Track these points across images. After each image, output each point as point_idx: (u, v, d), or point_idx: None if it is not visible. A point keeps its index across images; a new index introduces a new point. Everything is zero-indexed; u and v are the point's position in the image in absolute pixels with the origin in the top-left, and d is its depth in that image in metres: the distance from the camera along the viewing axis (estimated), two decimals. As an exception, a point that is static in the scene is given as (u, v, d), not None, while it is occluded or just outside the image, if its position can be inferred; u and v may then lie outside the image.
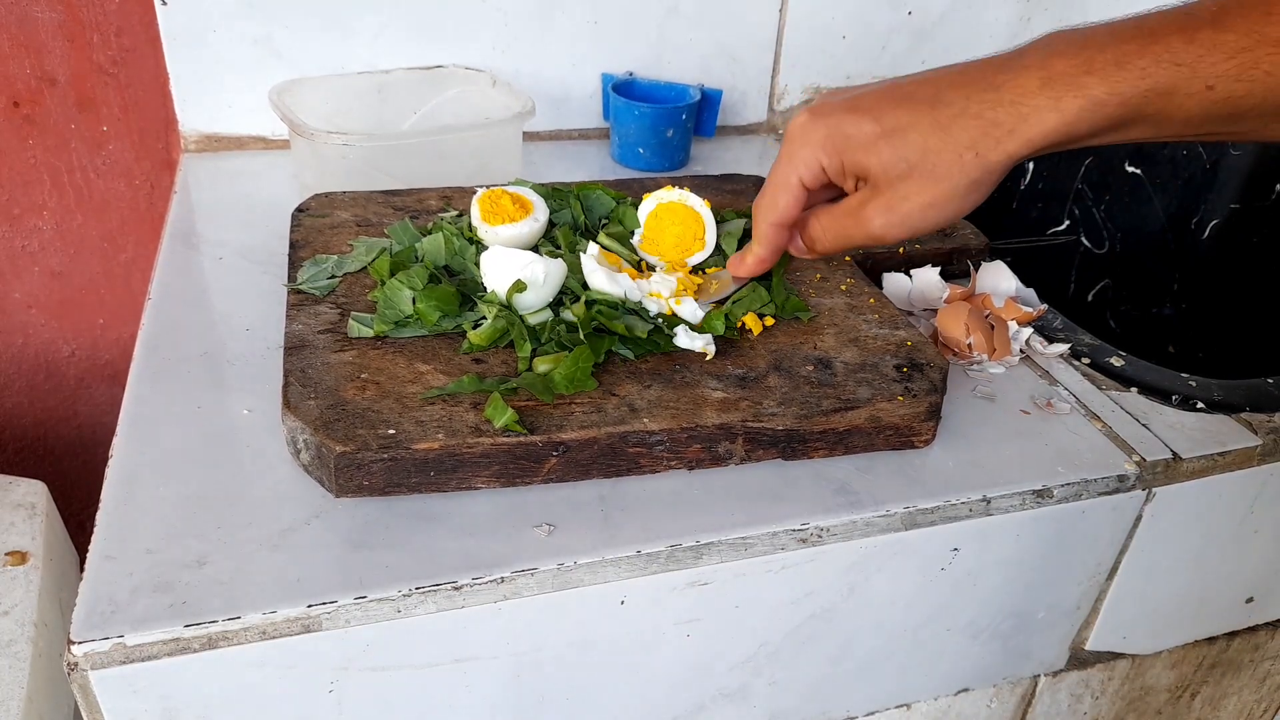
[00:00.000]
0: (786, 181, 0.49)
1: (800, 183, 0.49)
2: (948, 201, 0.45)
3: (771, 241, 0.53)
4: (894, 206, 0.46)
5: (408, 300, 0.55)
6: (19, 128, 0.84)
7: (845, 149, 0.47)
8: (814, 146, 0.48)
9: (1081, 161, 1.16)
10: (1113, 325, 1.29)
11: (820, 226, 0.51)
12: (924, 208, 0.46)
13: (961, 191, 0.45)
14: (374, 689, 0.45)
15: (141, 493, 0.47)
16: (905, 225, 0.47)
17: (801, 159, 0.48)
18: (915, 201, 0.46)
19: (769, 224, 0.52)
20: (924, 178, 0.45)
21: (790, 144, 0.49)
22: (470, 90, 0.86)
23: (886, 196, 0.46)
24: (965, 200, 0.45)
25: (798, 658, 0.54)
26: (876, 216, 0.47)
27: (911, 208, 0.46)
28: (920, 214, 0.46)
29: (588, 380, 0.51)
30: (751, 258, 0.54)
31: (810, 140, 0.48)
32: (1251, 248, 1.24)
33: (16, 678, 0.64)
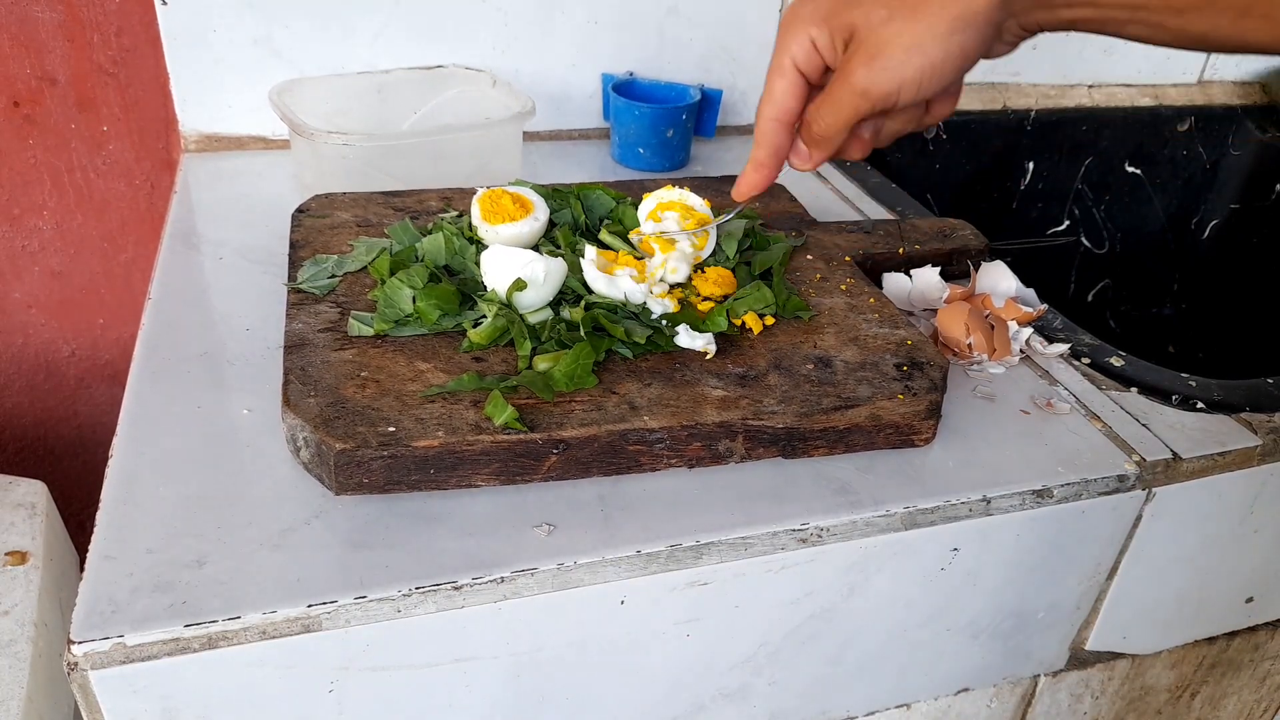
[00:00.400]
0: (780, 65, 0.48)
1: (794, 65, 0.48)
2: (930, 41, 0.44)
3: (771, 140, 0.51)
4: (874, 54, 0.45)
5: (408, 299, 0.55)
6: (19, 127, 0.84)
7: (830, 13, 0.46)
8: (802, 23, 0.47)
9: (1082, 162, 1.16)
10: (1113, 325, 1.29)
11: (814, 105, 0.49)
12: (906, 50, 0.45)
13: (942, 30, 0.44)
14: (374, 689, 0.45)
15: (141, 493, 0.47)
16: (887, 71, 0.45)
17: (793, 39, 0.48)
18: (896, 44, 0.45)
19: (768, 119, 0.50)
20: (903, 19, 0.44)
21: (783, 30, 0.48)
22: (470, 90, 0.86)
23: (867, 45, 0.45)
24: (949, 41, 0.44)
25: (798, 657, 0.54)
26: (859, 67, 0.46)
27: (893, 51, 0.45)
28: (903, 57, 0.45)
29: (588, 378, 0.51)
30: (750, 164, 0.52)
31: (799, 18, 0.47)
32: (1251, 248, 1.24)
33: (16, 678, 0.64)
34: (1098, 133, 1.15)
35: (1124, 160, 1.18)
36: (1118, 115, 1.15)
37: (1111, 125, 1.15)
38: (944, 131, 1.07)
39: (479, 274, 0.58)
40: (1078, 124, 1.13)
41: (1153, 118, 1.16)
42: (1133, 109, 1.15)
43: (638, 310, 0.56)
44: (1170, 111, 1.17)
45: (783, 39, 0.48)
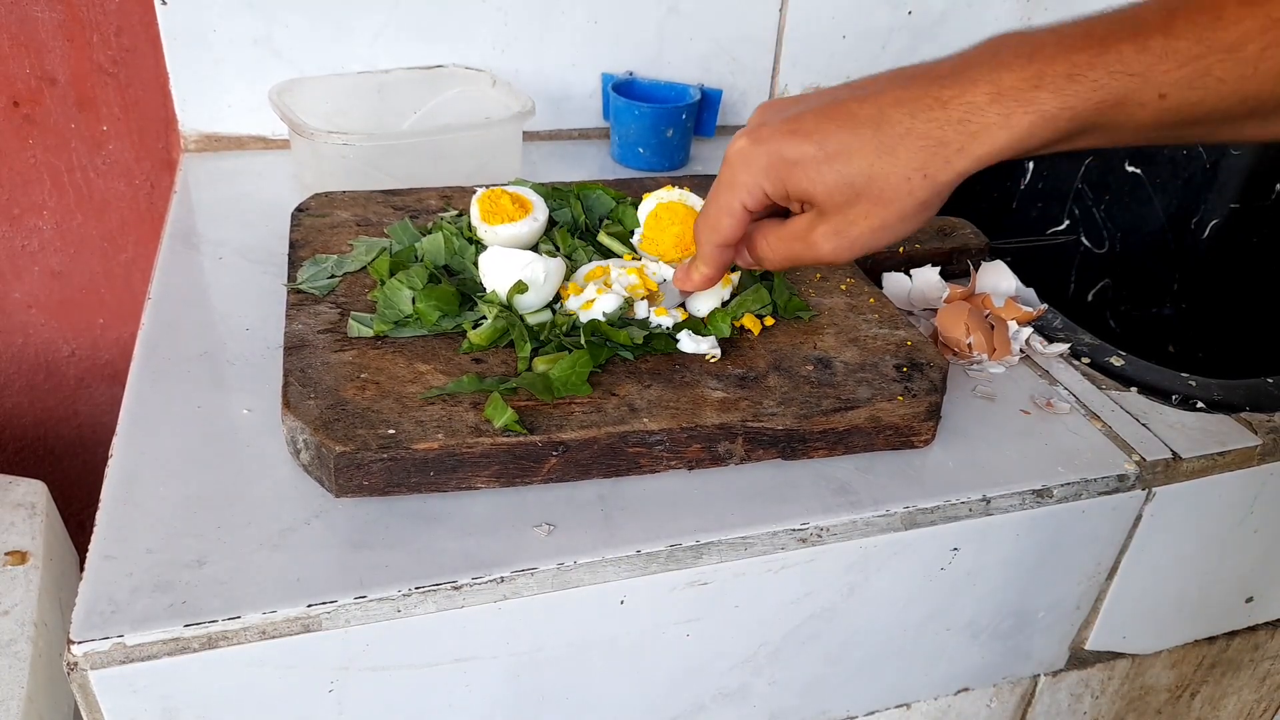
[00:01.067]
0: (730, 206, 0.48)
1: (743, 207, 0.47)
2: (898, 223, 0.44)
3: (717, 261, 0.51)
4: (842, 231, 0.45)
5: (407, 300, 0.55)
6: (19, 127, 0.84)
7: (788, 175, 0.45)
8: (755, 172, 0.46)
9: (1081, 161, 1.16)
10: (1113, 325, 1.28)
11: (768, 246, 0.49)
12: (873, 231, 0.45)
13: (911, 213, 0.44)
14: (374, 689, 0.45)
15: (141, 492, 0.47)
16: (855, 248, 0.46)
17: (743, 184, 0.47)
18: (863, 225, 0.45)
19: (713, 246, 0.50)
20: (871, 202, 0.44)
21: (731, 169, 0.47)
22: (470, 90, 0.86)
23: (834, 221, 0.45)
24: (915, 220, 0.45)
25: (797, 657, 0.54)
26: (825, 242, 0.46)
27: (860, 232, 0.45)
28: (870, 237, 0.45)
29: (582, 386, 0.50)
30: (698, 275, 0.52)
31: (752, 166, 0.46)
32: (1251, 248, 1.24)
33: (16, 677, 0.64)
34: (1098, 132, 1.14)
35: (1124, 160, 1.18)
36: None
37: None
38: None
39: (478, 275, 0.58)
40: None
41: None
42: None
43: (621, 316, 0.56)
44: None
45: (731, 178, 0.47)
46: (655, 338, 0.54)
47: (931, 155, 0.42)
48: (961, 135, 0.41)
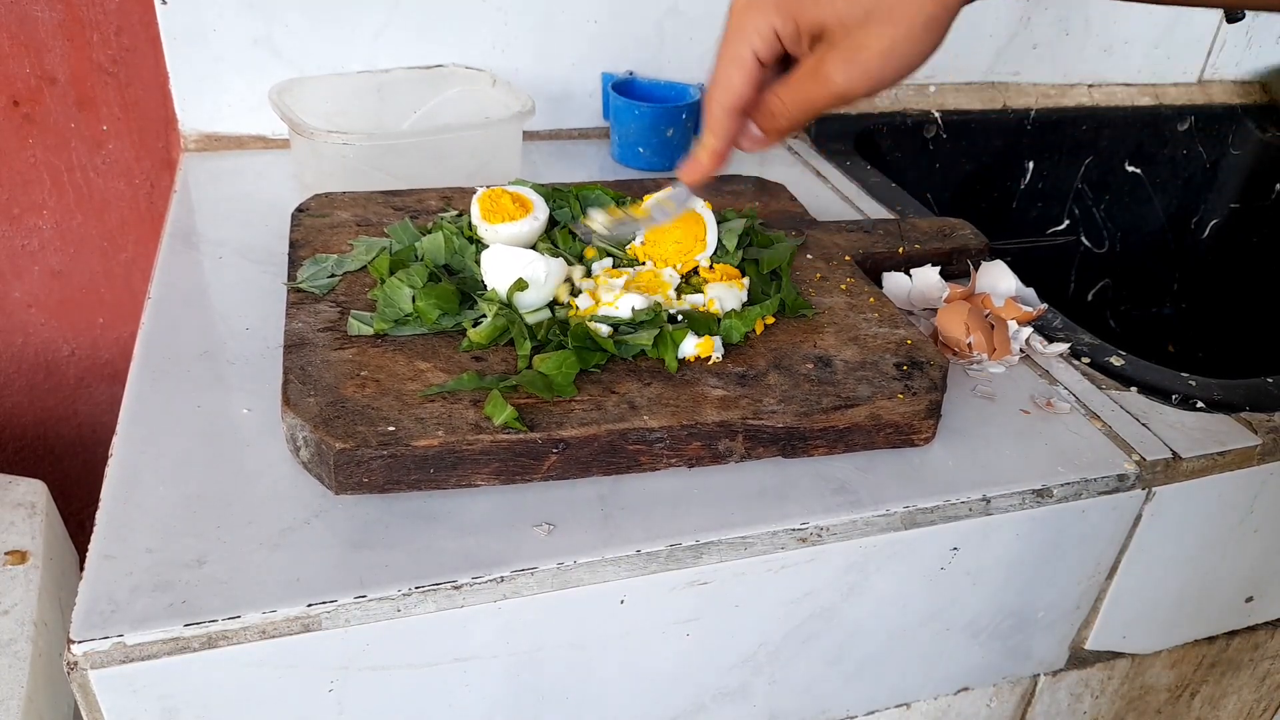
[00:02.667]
0: (738, 56, 0.46)
1: (754, 55, 0.46)
2: (907, 44, 0.44)
3: (725, 129, 0.49)
4: (853, 57, 0.44)
5: (407, 299, 0.55)
6: (19, 127, 0.84)
7: (799, 6, 0.44)
8: (766, 11, 0.45)
9: (1081, 161, 1.16)
10: (1113, 325, 1.29)
11: (778, 99, 0.48)
12: (884, 54, 0.44)
13: (919, 32, 0.43)
14: (374, 688, 0.45)
15: (141, 492, 0.47)
16: (868, 75, 0.45)
17: (754, 27, 0.45)
18: (874, 48, 0.44)
19: (723, 108, 0.48)
20: (881, 22, 0.43)
21: (739, 15, 0.46)
22: (470, 90, 0.86)
23: (844, 48, 0.44)
24: (924, 42, 0.44)
25: (797, 657, 0.54)
26: (837, 71, 0.45)
27: (871, 55, 0.44)
28: (881, 61, 0.44)
29: (568, 388, 0.50)
30: (704, 151, 0.51)
31: (761, 5, 0.45)
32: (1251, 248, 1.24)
33: (16, 677, 0.64)
34: (1098, 132, 1.15)
35: (1124, 160, 1.18)
36: (1118, 115, 1.15)
37: (1111, 125, 1.15)
38: (944, 131, 1.07)
39: (479, 273, 0.58)
40: (1078, 123, 1.13)
41: (1153, 117, 1.16)
42: (1133, 108, 1.15)
43: (648, 317, 0.56)
44: (1170, 111, 1.17)
45: (740, 24, 0.46)
46: (661, 343, 0.54)
47: None
48: None
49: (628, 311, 0.55)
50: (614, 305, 0.55)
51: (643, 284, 0.59)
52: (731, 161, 0.52)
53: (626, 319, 0.55)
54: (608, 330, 0.54)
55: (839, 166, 0.94)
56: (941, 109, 1.06)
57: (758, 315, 0.57)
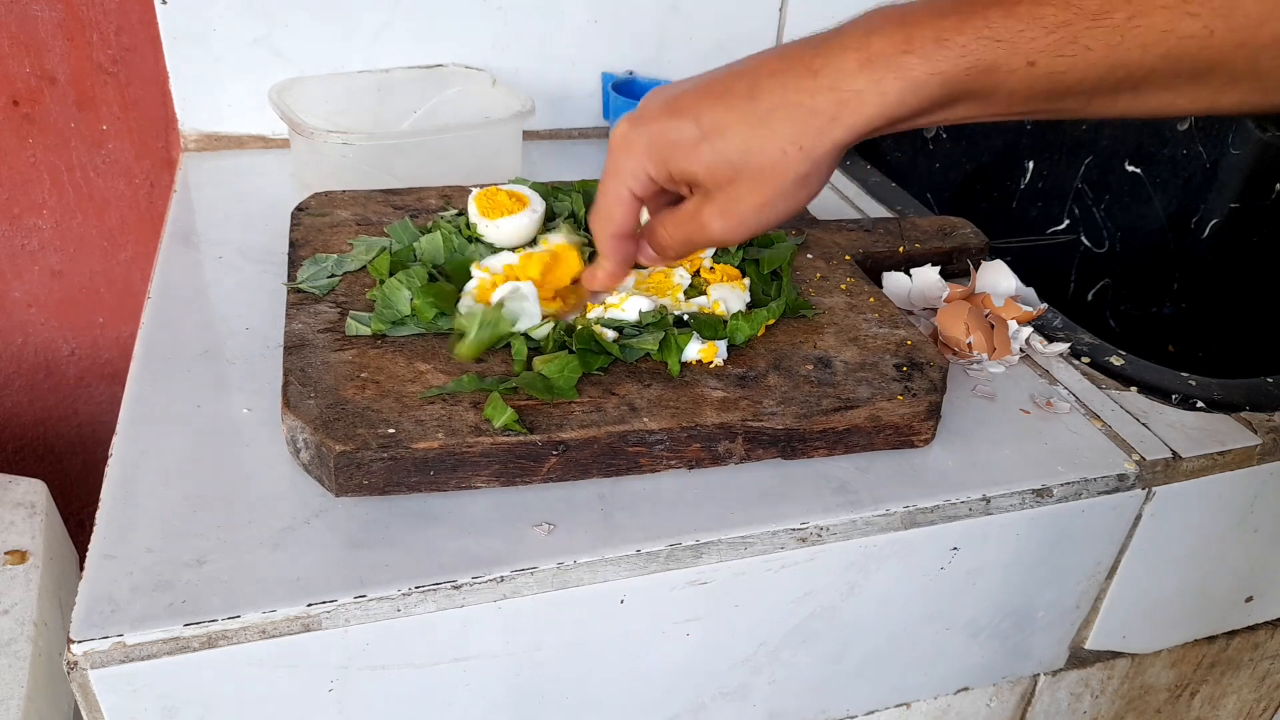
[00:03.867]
0: (618, 195, 0.47)
1: (631, 194, 0.47)
2: (779, 199, 0.43)
3: (617, 253, 0.50)
4: (728, 211, 0.44)
5: (405, 300, 0.55)
6: (18, 126, 0.84)
7: (669, 156, 0.44)
8: (638, 156, 0.45)
9: (1081, 161, 1.16)
10: (1113, 325, 1.29)
11: (665, 233, 0.48)
12: (757, 209, 0.44)
13: (791, 189, 0.43)
14: (374, 688, 0.45)
15: (141, 492, 0.47)
16: (744, 227, 0.45)
17: (628, 170, 0.46)
18: (747, 203, 0.44)
19: (609, 236, 0.49)
20: (750, 179, 0.43)
21: (614, 155, 0.46)
22: (470, 89, 0.86)
23: (719, 201, 0.44)
24: (797, 196, 0.44)
25: (797, 657, 0.54)
26: (713, 221, 0.45)
27: (745, 209, 0.44)
28: (755, 215, 0.44)
29: (570, 390, 0.50)
30: (602, 273, 0.51)
31: (633, 150, 0.45)
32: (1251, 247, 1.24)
33: (16, 677, 0.64)
34: (1097, 131, 1.15)
35: (1124, 159, 1.18)
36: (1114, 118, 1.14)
37: (1111, 124, 1.15)
38: (944, 131, 1.07)
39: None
40: (1077, 123, 1.13)
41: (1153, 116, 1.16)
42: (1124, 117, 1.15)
43: (654, 319, 0.55)
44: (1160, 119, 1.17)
45: (616, 165, 0.46)
46: (666, 348, 0.53)
47: (804, 126, 0.41)
48: (833, 104, 0.40)
49: (634, 314, 0.55)
50: (620, 308, 0.55)
51: (653, 285, 0.59)
52: None
53: (632, 322, 0.55)
54: (613, 335, 0.54)
55: (839, 166, 0.93)
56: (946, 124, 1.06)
57: (764, 319, 0.57)
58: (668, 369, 0.53)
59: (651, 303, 0.56)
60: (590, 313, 0.56)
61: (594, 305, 0.57)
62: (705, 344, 0.54)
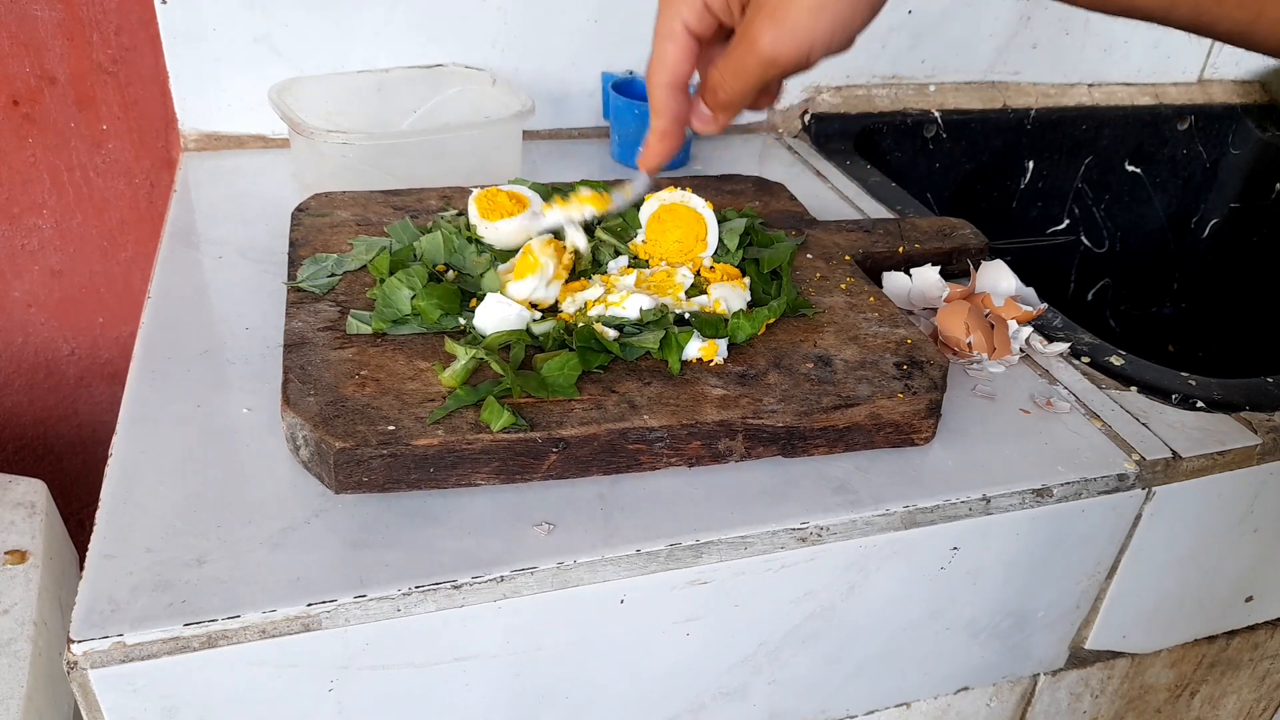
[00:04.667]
0: (671, 30, 0.44)
1: (685, 28, 0.44)
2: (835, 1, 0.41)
3: (668, 107, 0.47)
4: (780, 16, 0.42)
5: (405, 299, 0.55)
6: (18, 126, 0.84)
7: None
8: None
9: (1081, 161, 1.16)
10: (1112, 324, 1.29)
11: (717, 71, 0.46)
12: (812, 10, 0.41)
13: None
14: (374, 687, 0.45)
15: (141, 491, 0.47)
16: (797, 35, 0.42)
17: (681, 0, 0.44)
18: (801, 4, 0.41)
19: (661, 85, 0.46)
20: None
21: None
22: (470, 89, 0.86)
23: (770, 7, 0.42)
24: (855, 3, 0.41)
25: (797, 657, 0.54)
26: (764, 31, 0.42)
27: (799, 11, 0.41)
28: (811, 18, 0.41)
29: (569, 388, 0.50)
30: (654, 135, 0.49)
31: None
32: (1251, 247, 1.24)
33: (16, 677, 0.64)
34: (1098, 132, 1.15)
35: (1124, 159, 1.18)
36: (1117, 114, 1.15)
37: (1111, 124, 1.15)
38: (944, 130, 1.07)
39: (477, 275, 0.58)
40: (1077, 123, 1.13)
41: (1153, 117, 1.16)
42: (1132, 108, 1.15)
43: (655, 318, 0.55)
44: (1170, 110, 1.17)
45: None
46: (667, 346, 0.53)
47: None
48: None
49: (635, 312, 0.55)
50: (621, 305, 0.55)
51: (655, 283, 0.59)
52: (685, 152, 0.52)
53: (633, 320, 0.55)
54: (614, 333, 0.54)
55: (839, 166, 0.94)
56: (941, 108, 1.06)
57: (766, 318, 0.57)
58: (667, 367, 0.53)
59: (652, 301, 0.56)
60: (591, 310, 0.56)
61: (594, 303, 0.56)
62: (705, 342, 0.54)
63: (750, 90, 0.45)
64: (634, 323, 0.55)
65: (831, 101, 1.02)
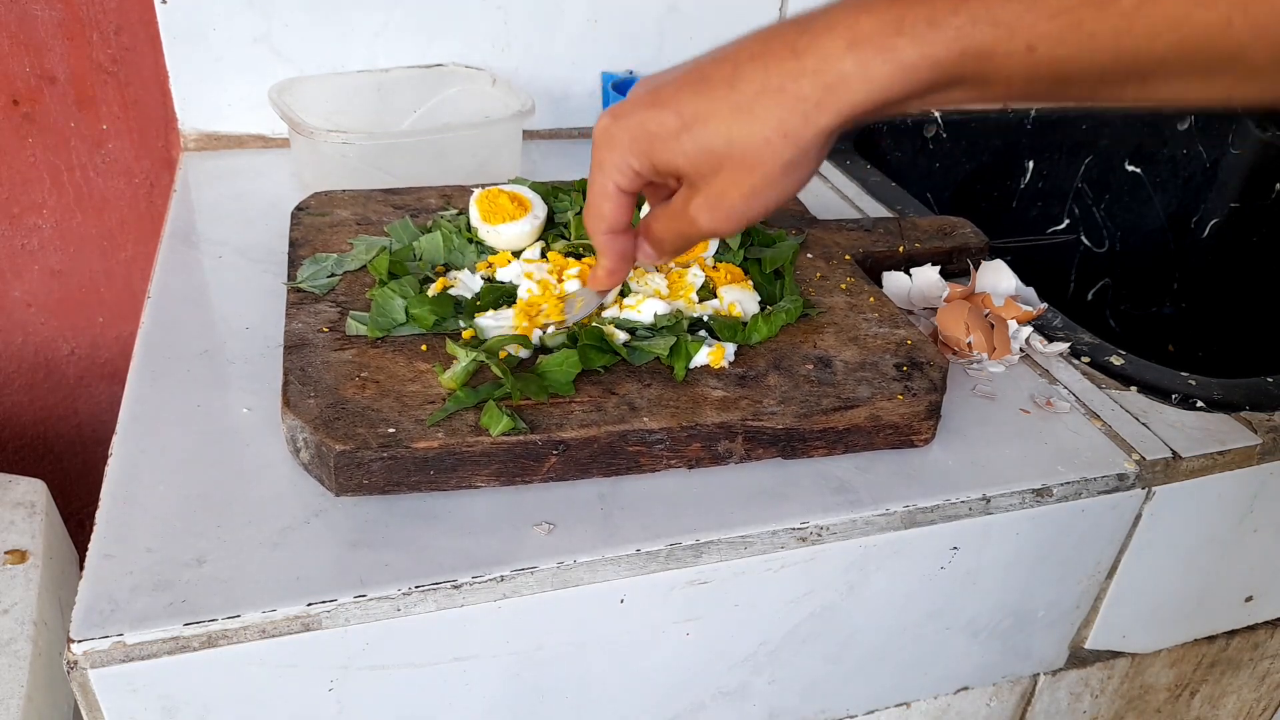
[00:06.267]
0: (604, 190, 0.45)
1: (618, 189, 0.45)
2: (767, 188, 0.42)
3: (612, 250, 0.48)
4: (715, 203, 0.43)
5: (399, 309, 0.54)
6: (18, 126, 0.84)
7: (652, 149, 0.43)
8: (621, 151, 0.44)
9: (1081, 161, 1.16)
10: (1112, 324, 1.29)
11: (659, 228, 0.47)
12: (745, 199, 0.42)
13: (777, 176, 0.41)
14: (374, 687, 0.45)
15: (141, 491, 0.47)
16: (732, 219, 0.43)
17: (613, 165, 0.44)
18: (734, 194, 0.42)
19: (603, 234, 0.48)
20: (735, 169, 0.41)
21: (598, 150, 0.45)
22: (470, 89, 0.86)
23: (705, 193, 0.43)
24: (785, 183, 0.42)
25: (797, 656, 0.54)
26: (701, 215, 0.44)
27: (732, 200, 0.42)
28: (743, 205, 0.42)
29: (566, 386, 0.50)
30: (601, 271, 0.50)
31: (616, 145, 0.44)
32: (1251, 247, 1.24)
33: (16, 676, 0.64)
34: (1098, 131, 1.15)
35: (1124, 159, 1.18)
36: (1117, 114, 1.15)
37: (1111, 124, 1.15)
38: (944, 130, 1.07)
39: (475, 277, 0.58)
40: (1078, 122, 1.13)
41: (1153, 116, 1.16)
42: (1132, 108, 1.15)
43: (669, 323, 0.55)
44: (1170, 110, 1.17)
45: (600, 160, 0.45)
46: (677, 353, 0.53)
47: (788, 112, 0.39)
48: (817, 88, 0.38)
49: (650, 316, 0.55)
50: (636, 309, 0.55)
51: (668, 282, 0.59)
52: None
53: (647, 324, 0.55)
54: (625, 336, 0.54)
55: (839, 166, 0.93)
56: (941, 108, 1.06)
57: (782, 321, 0.57)
58: (667, 369, 0.53)
59: (667, 306, 0.56)
60: (606, 312, 0.56)
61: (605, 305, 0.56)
62: (714, 347, 0.54)
63: (689, 246, 0.47)
64: (647, 326, 0.55)
65: (831, 101, 1.02)
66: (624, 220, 0.47)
